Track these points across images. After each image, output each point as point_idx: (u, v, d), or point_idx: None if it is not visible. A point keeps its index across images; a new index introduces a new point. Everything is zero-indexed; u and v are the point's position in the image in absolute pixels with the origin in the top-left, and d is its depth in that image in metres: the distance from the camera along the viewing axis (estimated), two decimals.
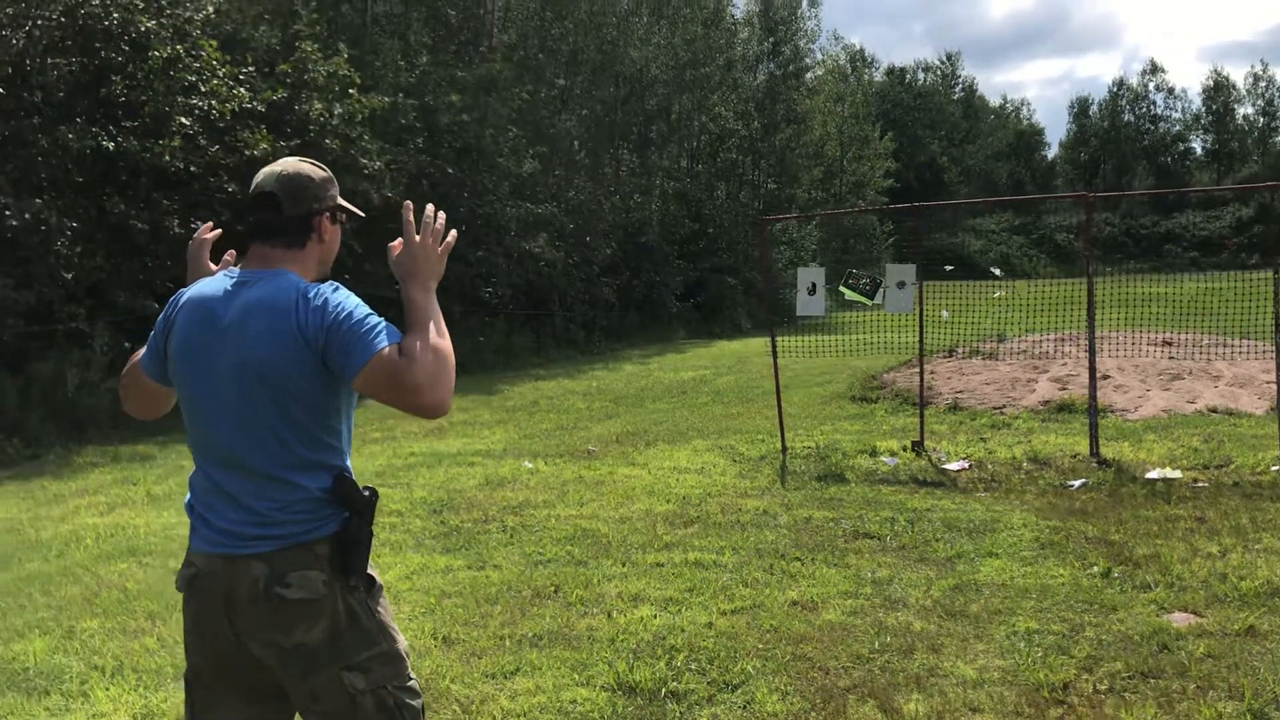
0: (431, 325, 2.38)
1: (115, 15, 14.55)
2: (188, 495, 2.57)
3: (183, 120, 15.41)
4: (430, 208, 2.57)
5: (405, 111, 20.79)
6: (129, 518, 8.14)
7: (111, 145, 14.47)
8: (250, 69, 16.97)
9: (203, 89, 15.89)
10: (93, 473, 10.48)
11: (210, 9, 16.68)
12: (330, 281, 2.48)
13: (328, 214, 2.60)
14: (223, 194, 16.16)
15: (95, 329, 14.23)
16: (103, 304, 14.69)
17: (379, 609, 2.52)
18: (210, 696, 2.53)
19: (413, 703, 2.52)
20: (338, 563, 2.42)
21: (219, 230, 2.93)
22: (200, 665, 2.53)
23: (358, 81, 18.62)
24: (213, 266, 2.81)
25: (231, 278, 2.52)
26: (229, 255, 2.85)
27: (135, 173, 15.29)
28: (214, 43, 16.35)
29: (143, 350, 2.67)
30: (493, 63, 23.76)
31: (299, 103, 17.41)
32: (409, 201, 2.60)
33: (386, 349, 2.31)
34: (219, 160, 16.03)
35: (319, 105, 17.51)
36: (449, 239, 2.57)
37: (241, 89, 16.36)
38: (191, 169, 15.67)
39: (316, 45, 18.21)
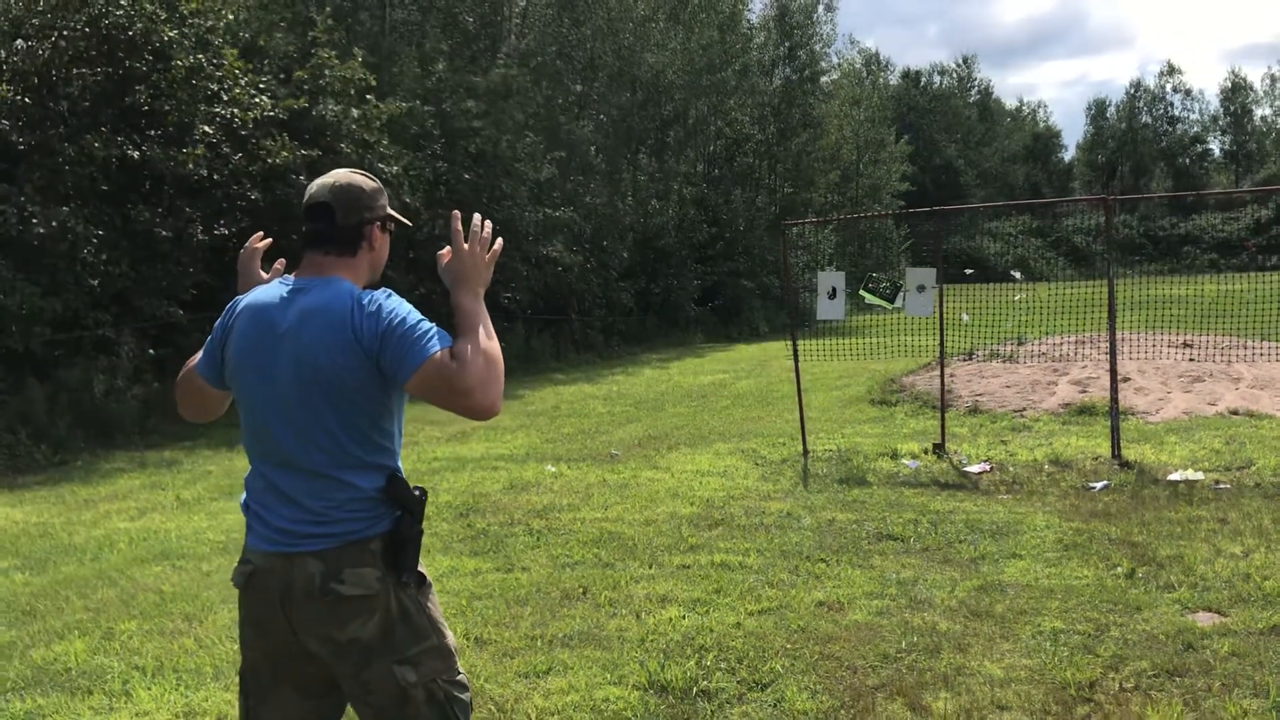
0: (481, 329, 2.47)
1: (139, 25, 14.73)
2: (244, 495, 2.66)
3: (206, 129, 15.59)
4: (477, 217, 2.66)
5: (421, 118, 20.93)
6: (160, 522, 8.25)
7: (136, 154, 14.65)
8: (267, 77, 17.14)
9: (225, 98, 16.08)
10: (121, 478, 10.61)
11: (230, 16, 16.85)
12: (383, 288, 2.57)
13: (379, 223, 2.70)
14: (244, 201, 16.33)
15: (121, 336, 14.40)
16: (128, 311, 14.87)
17: (429, 605, 2.61)
18: (266, 690, 2.62)
19: (462, 696, 2.60)
20: (390, 560, 2.51)
21: (269, 240, 3.02)
22: (256, 660, 2.62)
23: (373, 83, 18.75)
24: (264, 275, 2.90)
25: (286, 285, 2.61)
26: (279, 264, 2.94)
27: (159, 181, 15.47)
28: (234, 51, 16.55)
29: (198, 355, 2.76)
30: (508, 69, 23.88)
31: (316, 107, 17.57)
32: (457, 210, 2.69)
33: (439, 353, 2.40)
34: (242, 168, 16.21)
35: (335, 107, 17.65)
36: (496, 246, 2.67)
37: (263, 97, 16.54)
38: (214, 177, 15.85)
39: (334, 52, 18.39)
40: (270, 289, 2.65)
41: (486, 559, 6.67)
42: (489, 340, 2.46)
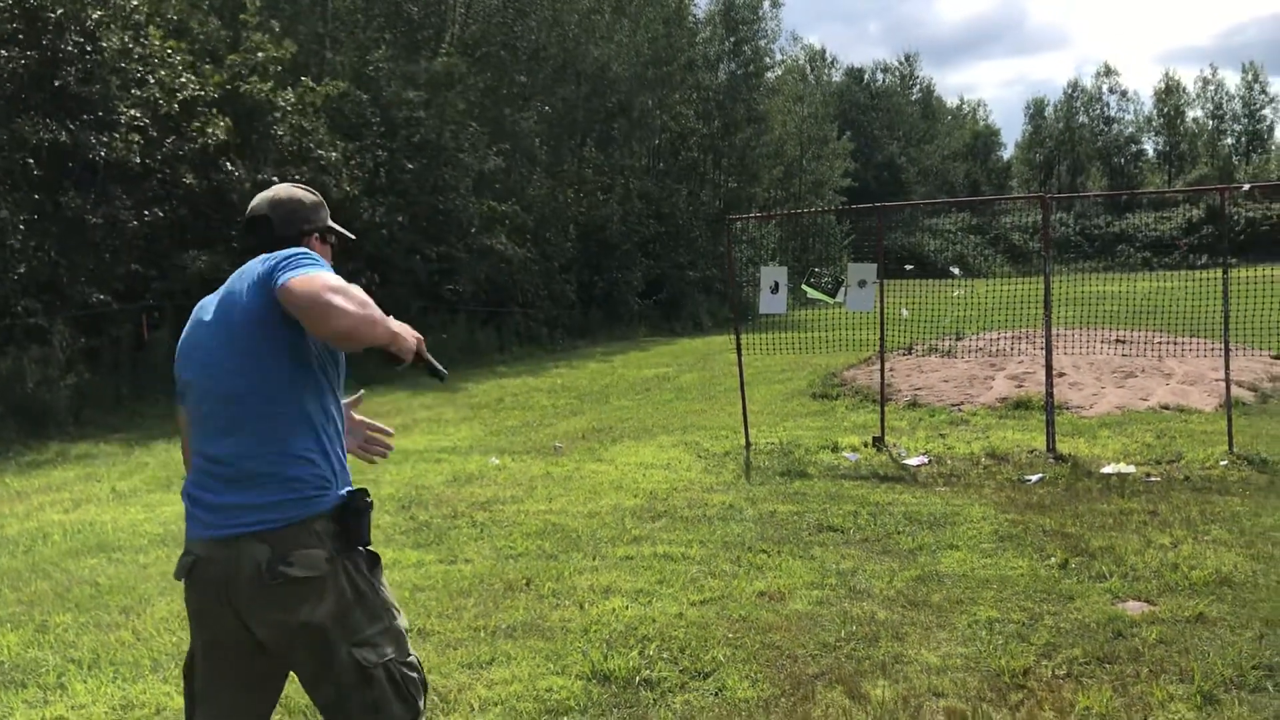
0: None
1: (61, 8, 14.41)
2: (185, 483, 2.65)
3: (134, 113, 15.27)
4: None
5: (359, 105, 20.71)
6: (95, 514, 8.11)
7: (65, 137, 14.32)
8: (190, 57, 16.84)
9: (152, 80, 15.76)
10: (54, 469, 10.41)
11: None
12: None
13: (318, 234, 2.78)
14: (180, 186, 16.05)
15: (54, 324, 14.10)
16: (59, 299, 14.56)
17: (382, 586, 2.63)
18: (210, 680, 2.61)
19: (416, 676, 2.64)
20: (342, 535, 2.53)
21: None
22: (201, 650, 2.61)
23: (291, 51, 18.45)
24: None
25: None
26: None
27: (91, 166, 15.15)
28: (160, 33, 16.26)
29: None
30: (451, 58, 23.71)
31: (245, 85, 17.26)
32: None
33: (313, 272, 2.39)
34: (174, 151, 15.93)
35: (265, 86, 17.38)
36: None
37: (188, 75, 16.24)
38: (148, 162, 15.56)
39: (266, 35, 18.13)
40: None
41: (429, 551, 6.65)
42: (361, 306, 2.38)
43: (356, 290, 2.37)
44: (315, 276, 2.34)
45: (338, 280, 2.36)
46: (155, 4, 16.79)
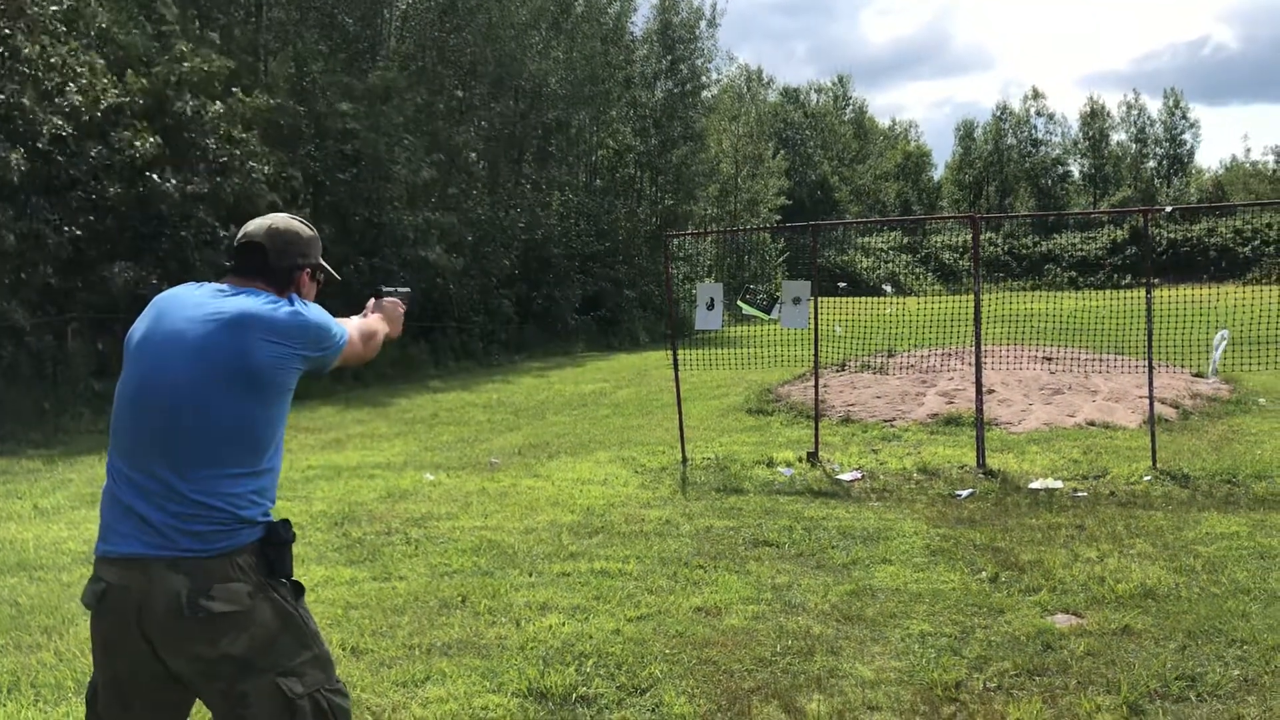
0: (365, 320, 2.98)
1: None
2: (115, 489, 2.55)
3: (56, 121, 14.91)
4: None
5: (294, 115, 20.46)
6: (16, 532, 7.89)
7: None
8: (113, 66, 16.49)
9: (72, 88, 15.39)
10: None
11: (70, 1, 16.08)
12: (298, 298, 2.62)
13: (308, 270, 2.78)
14: (106, 198, 15.69)
15: None
16: None
17: (305, 614, 2.58)
18: (115, 710, 2.53)
19: (343, 703, 2.59)
20: (264, 567, 2.47)
21: None
22: (105, 681, 2.53)
23: (230, 67, 18.18)
24: None
25: (214, 286, 2.64)
26: None
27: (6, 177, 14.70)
28: (79, 44, 15.91)
29: None
30: (387, 70, 23.56)
31: (176, 102, 16.95)
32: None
33: (350, 336, 2.80)
34: (101, 163, 15.58)
35: (194, 101, 17.08)
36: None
37: (109, 79, 15.88)
38: (71, 173, 15.20)
39: (191, 45, 17.83)
40: (196, 286, 2.65)
41: (363, 568, 6.56)
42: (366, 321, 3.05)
43: (364, 327, 2.97)
44: (347, 345, 2.78)
45: (355, 333, 2.87)
46: (73, 13, 16.40)
